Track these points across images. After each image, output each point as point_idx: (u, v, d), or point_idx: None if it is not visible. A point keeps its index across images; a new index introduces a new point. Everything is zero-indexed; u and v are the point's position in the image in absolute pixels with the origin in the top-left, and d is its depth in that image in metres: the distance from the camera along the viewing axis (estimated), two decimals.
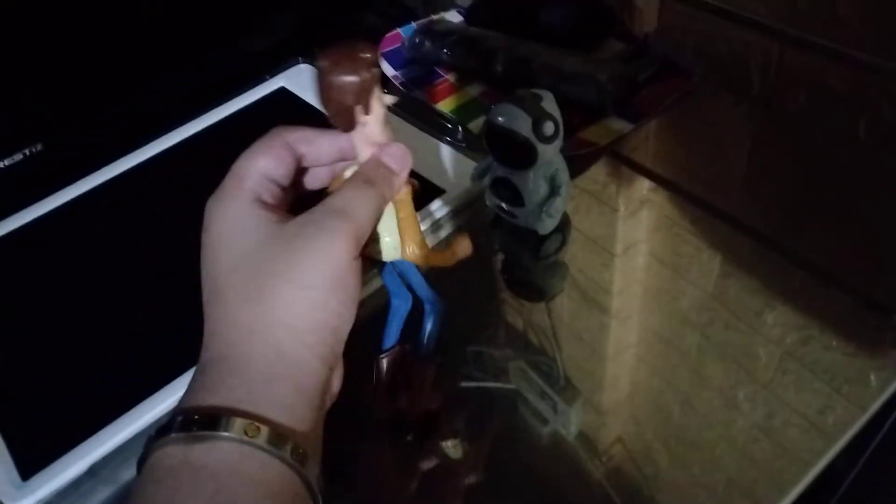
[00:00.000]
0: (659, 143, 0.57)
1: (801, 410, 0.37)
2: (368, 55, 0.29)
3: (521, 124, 0.42)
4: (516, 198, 0.45)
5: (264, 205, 0.30)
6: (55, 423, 0.40)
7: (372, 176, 0.31)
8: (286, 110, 0.61)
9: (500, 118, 0.43)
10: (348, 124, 0.31)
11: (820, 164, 0.52)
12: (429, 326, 0.39)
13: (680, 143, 0.56)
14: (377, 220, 0.32)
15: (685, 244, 0.48)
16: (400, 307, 0.38)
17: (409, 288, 0.38)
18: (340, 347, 0.30)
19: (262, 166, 0.31)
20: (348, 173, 0.33)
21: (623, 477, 0.37)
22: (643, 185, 0.53)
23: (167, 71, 0.60)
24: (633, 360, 0.42)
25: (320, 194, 0.33)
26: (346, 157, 0.34)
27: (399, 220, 0.33)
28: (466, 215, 0.51)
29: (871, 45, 0.51)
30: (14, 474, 0.38)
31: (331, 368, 0.29)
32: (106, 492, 0.38)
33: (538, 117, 0.41)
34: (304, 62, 0.66)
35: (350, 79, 0.29)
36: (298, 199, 0.34)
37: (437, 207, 0.50)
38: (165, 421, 0.26)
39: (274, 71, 0.65)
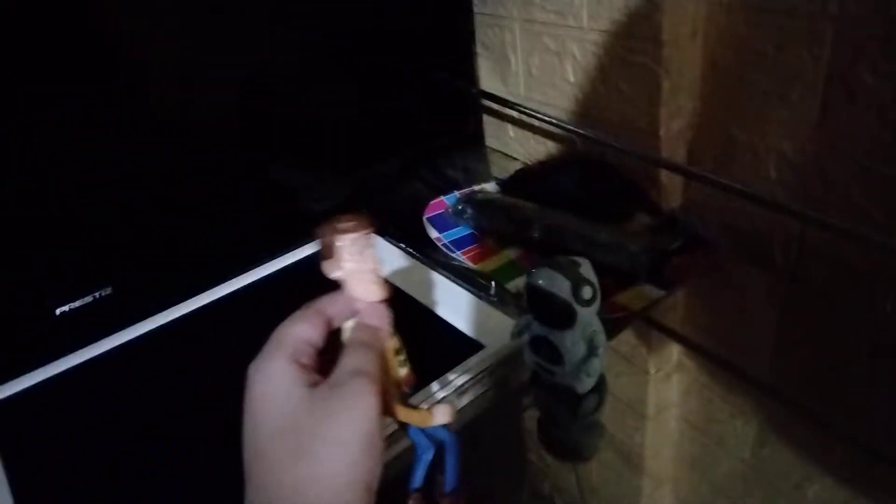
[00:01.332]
0: (688, 309, 0.59)
1: None
2: (343, 225, 0.34)
3: (561, 288, 0.45)
4: (555, 356, 0.47)
5: (301, 367, 0.33)
6: None
7: (364, 337, 0.35)
8: None
9: (540, 281, 0.46)
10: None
11: (849, 332, 0.53)
12: (450, 462, 0.40)
13: (709, 310, 0.59)
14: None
15: (718, 410, 0.48)
16: (423, 455, 0.39)
17: (428, 435, 0.39)
18: (372, 501, 0.32)
19: (300, 332, 0.34)
20: (348, 324, 0.37)
21: None
22: (674, 350, 0.54)
23: (228, 226, 0.66)
24: None
25: None
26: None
27: None
28: (504, 370, 0.52)
29: (885, 228, 0.54)
30: None
31: None
32: None
33: (577, 282, 0.45)
34: None
35: (324, 240, 0.35)
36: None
37: (477, 362, 0.52)
38: None
39: None
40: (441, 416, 0.38)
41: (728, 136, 0.64)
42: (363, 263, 0.36)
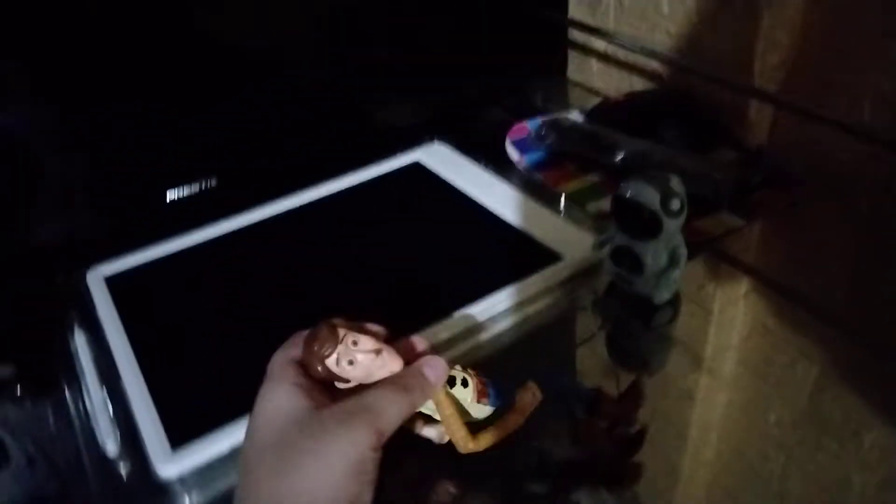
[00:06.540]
0: (763, 244, 0.59)
1: None
2: (322, 349, 0.34)
3: (651, 198, 0.46)
4: (636, 266, 0.49)
5: (306, 392, 0.34)
6: (205, 405, 0.45)
7: (408, 383, 0.35)
8: (420, 180, 0.69)
9: (629, 192, 0.48)
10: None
11: None
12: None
13: (784, 246, 0.59)
14: (404, 419, 0.35)
15: (780, 354, 0.46)
16: None
17: None
18: None
19: (295, 356, 0.36)
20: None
21: None
22: (741, 288, 0.54)
23: (323, 133, 0.70)
24: (709, 480, 0.39)
25: None
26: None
27: (443, 419, 0.36)
28: (581, 280, 0.55)
29: None
30: (165, 444, 0.42)
31: None
32: (236, 476, 0.42)
33: (666, 193, 0.46)
34: (437, 141, 0.74)
35: (313, 372, 0.35)
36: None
37: (555, 272, 0.54)
38: None
39: (411, 146, 0.73)
40: (530, 401, 0.38)
41: (823, 74, 0.63)
42: (366, 355, 0.35)
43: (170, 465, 0.41)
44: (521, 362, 0.49)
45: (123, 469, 0.43)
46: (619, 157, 0.65)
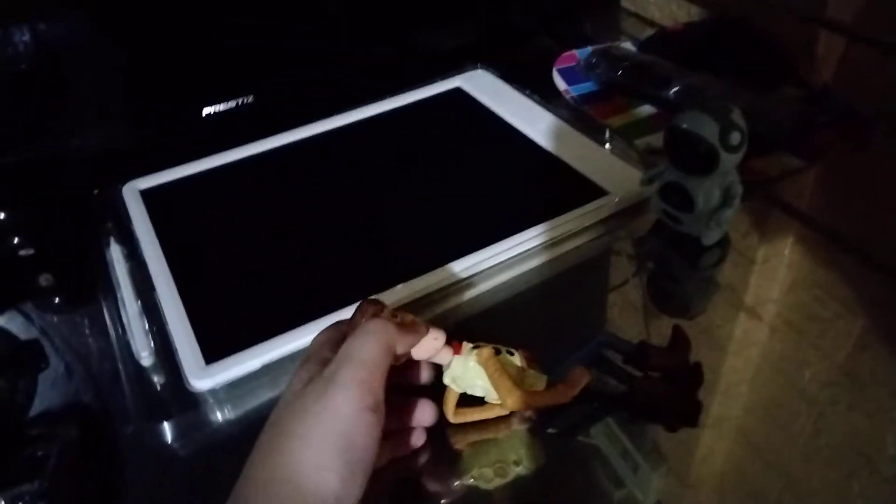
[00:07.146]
0: (822, 191, 0.56)
1: None
2: (366, 316, 0.34)
3: (708, 130, 0.43)
4: (686, 203, 0.47)
5: (322, 363, 0.32)
6: (238, 321, 0.45)
7: (377, 321, 0.33)
8: (461, 107, 0.66)
9: (685, 124, 0.45)
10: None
11: None
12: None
13: (843, 194, 0.55)
14: (385, 356, 0.32)
15: (823, 308, 0.44)
16: None
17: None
18: None
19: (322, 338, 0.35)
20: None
21: None
22: (789, 238, 0.51)
23: (362, 55, 0.67)
24: (735, 432, 0.38)
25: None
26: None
27: (490, 381, 0.36)
28: (625, 218, 0.52)
29: None
30: (199, 357, 0.42)
31: None
32: (266, 393, 0.42)
33: (727, 125, 0.43)
34: (480, 68, 0.71)
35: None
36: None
37: (599, 207, 0.52)
38: None
39: (453, 72, 0.70)
40: (581, 379, 0.38)
41: None
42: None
43: (203, 379, 0.41)
44: (554, 302, 0.48)
45: (157, 380, 0.43)
46: (673, 90, 0.61)
